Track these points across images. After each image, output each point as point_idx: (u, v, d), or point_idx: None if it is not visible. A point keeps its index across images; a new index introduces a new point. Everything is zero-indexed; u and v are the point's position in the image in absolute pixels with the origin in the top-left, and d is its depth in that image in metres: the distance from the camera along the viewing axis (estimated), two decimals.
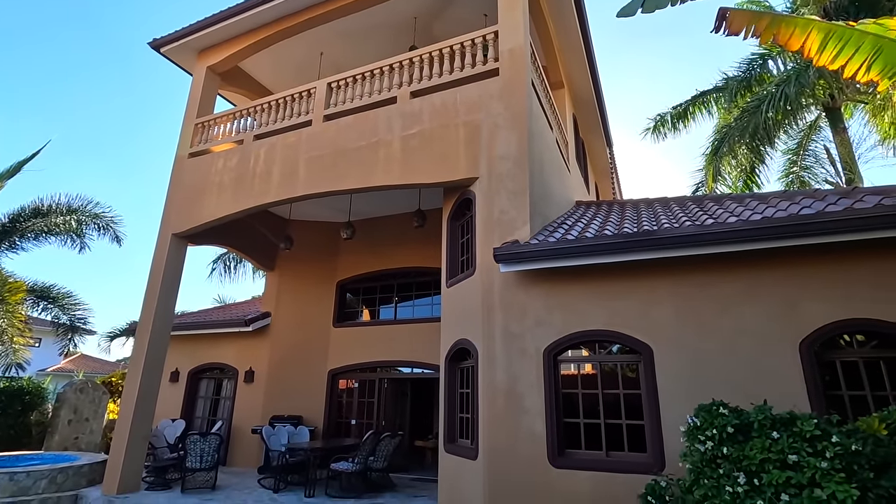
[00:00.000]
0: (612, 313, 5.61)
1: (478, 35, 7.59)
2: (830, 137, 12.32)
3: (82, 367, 25.06)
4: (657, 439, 5.06)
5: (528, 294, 6.05)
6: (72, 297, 13.19)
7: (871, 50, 3.42)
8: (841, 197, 5.20)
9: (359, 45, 10.45)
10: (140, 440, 8.50)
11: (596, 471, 5.22)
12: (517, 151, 6.71)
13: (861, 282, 4.74)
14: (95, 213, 12.34)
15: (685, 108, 14.02)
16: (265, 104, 9.52)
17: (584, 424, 5.56)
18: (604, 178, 15.93)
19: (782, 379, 4.75)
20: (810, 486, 3.46)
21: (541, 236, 6.17)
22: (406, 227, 10.57)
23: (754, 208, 5.62)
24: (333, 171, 8.09)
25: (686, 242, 5.14)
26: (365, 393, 11.48)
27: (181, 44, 10.41)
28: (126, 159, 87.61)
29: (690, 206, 6.90)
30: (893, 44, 3.29)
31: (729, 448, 3.88)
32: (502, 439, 5.68)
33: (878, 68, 3.40)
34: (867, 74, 3.44)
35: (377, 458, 8.51)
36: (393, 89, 8.11)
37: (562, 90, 10.49)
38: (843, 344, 4.89)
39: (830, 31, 3.46)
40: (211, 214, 9.18)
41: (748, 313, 5.07)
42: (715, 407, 4.19)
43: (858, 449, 3.45)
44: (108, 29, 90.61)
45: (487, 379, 5.95)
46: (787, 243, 4.82)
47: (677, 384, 5.13)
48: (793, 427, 3.71)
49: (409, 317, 11.65)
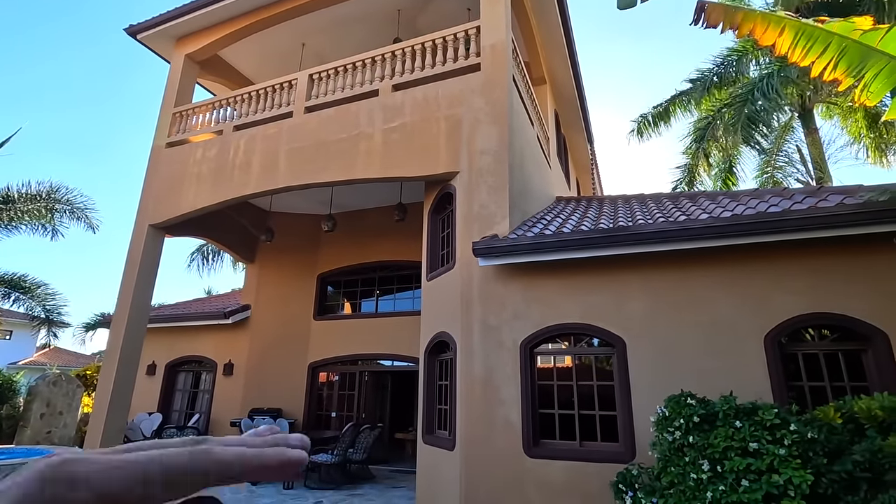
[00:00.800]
0: (588, 307, 5.74)
1: (460, 30, 7.61)
2: (803, 138, 12.68)
3: (56, 361, 24.49)
4: (629, 429, 5.21)
5: (506, 288, 6.15)
6: (45, 287, 12.88)
7: (837, 49, 3.54)
8: (807, 196, 5.40)
9: (342, 36, 10.37)
10: (115, 434, 8.39)
11: (569, 460, 5.36)
12: (497, 146, 6.77)
13: (829, 277, 4.94)
14: (67, 199, 12.03)
15: (666, 107, 14.23)
16: (246, 94, 9.39)
17: (559, 415, 5.70)
18: (585, 174, 16.13)
19: (748, 370, 4.94)
20: (769, 472, 3.63)
21: (519, 231, 6.25)
22: (387, 220, 10.57)
23: (726, 206, 5.79)
24: (314, 163, 8.05)
25: (658, 238, 5.29)
26: (345, 386, 11.51)
27: (159, 30, 10.18)
28: (102, 148, 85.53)
29: (666, 203, 7.06)
30: (856, 44, 3.41)
31: (695, 437, 4.03)
32: (479, 430, 5.78)
33: (842, 68, 3.50)
34: (833, 73, 3.54)
35: (357, 450, 8.56)
36: (375, 82, 8.09)
37: (544, 86, 10.58)
38: (806, 337, 5.10)
39: (801, 28, 3.56)
40: (189, 206, 9.05)
41: (717, 307, 5.24)
42: (683, 398, 4.35)
43: (814, 437, 3.63)
44: (85, 15, 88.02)
45: (465, 371, 6.03)
46: (754, 240, 4.99)
47: (649, 376, 5.28)
48: (754, 416, 3.88)
49: (390, 310, 11.68)
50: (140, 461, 0.26)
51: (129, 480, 0.25)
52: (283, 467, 0.29)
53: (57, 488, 0.23)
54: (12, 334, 26.20)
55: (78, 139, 77.70)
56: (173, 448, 0.27)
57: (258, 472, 0.28)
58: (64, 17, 75.04)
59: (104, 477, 0.25)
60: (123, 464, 0.26)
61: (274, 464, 0.28)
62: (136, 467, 0.26)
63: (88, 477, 0.24)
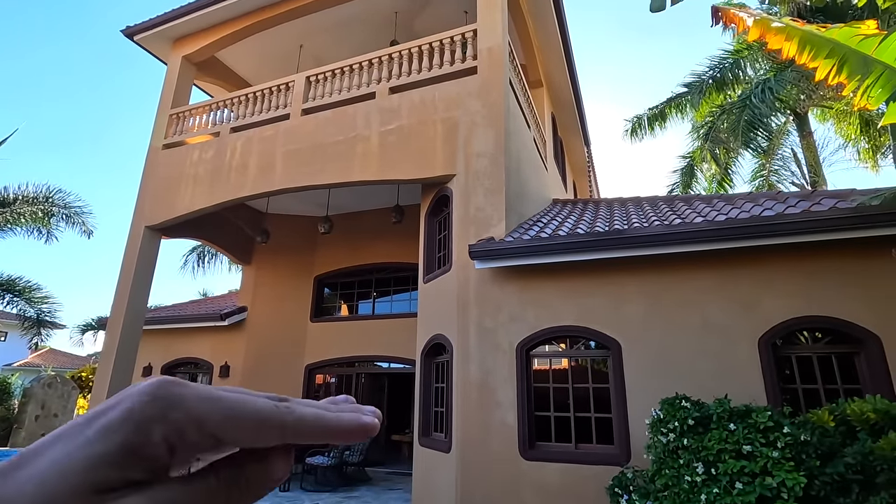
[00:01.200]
0: (584, 309, 5.76)
1: (457, 33, 7.63)
2: (798, 141, 12.76)
3: (51, 362, 24.37)
4: (624, 432, 5.23)
5: (502, 290, 6.16)
6: (39, 289, 12.82)
7: (839, 54, 3.58)
8: (801, 200, 5.44)
9: (339, 39, 10.38)
10: None
11: (565, 462, 5.37)
12: (494, 149, 6.79)
13: (823, 280, 4.98)
14: (63, 203, 11.99)
15: (661, 109, 14.30)
16: (243, 96, 9.40)
17: (555, 417, 5.71)
18: (581, 177, 16.17)
19: (742, 373, 4.97)
20: (762, 475, 3.65)
21: (516, 234, 6.28)
22: (384, 222, 10.58)
23: (721, 209, 5.83)
24: (311, 165, 8.06)
25: (653, 242, 5.32)
26: (342, 388, 11.50)
27: (156, 32, 10.18)
28: (98, 150, 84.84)
29: (661, 206, 7.10)
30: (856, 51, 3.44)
31: (689, 439, 4.06)
32: (475, 432, 5.79)
33: (845, 72, 3.53)
34: (837, 77, 3.56)
35: (353, 452, 8.56)
36: (372, 84, 8.11)
37: (541, 89, 10.62)
38: (800, 340, 5.14)
39: (805, 34, 3.61)
40: (186, 207, 9.04)
41: (712, 310, 5.27)
42: (678, 400, 4.37)
43: (807, 439, 3.66)
44: (82, 16, 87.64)
45: (462, 373, 6.04)
46: (749, 243, 5.03)
47: (644, 378, 5.31)
48: (748, 419, 3.90)
49: (386, 312, 11.68)
50: (233, 399, 0.27)
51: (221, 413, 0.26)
52: (357, 431, 0.30)
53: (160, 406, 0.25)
54: (7, 336, 26.07)
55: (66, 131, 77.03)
56: (260, 397, 0.28)
57: (334, 434, 0.30)
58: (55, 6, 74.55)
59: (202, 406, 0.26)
60: (218, 398, 0.27)
61: (350, 427, 0.30)
62: (229, 404, 0.27)
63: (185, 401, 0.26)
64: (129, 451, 0.24)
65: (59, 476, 0.23)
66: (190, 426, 0.26)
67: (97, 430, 0.25)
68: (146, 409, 0.25)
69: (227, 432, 0.26)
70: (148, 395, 0.25)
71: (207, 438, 0.26)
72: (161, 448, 0.25)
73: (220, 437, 0.27)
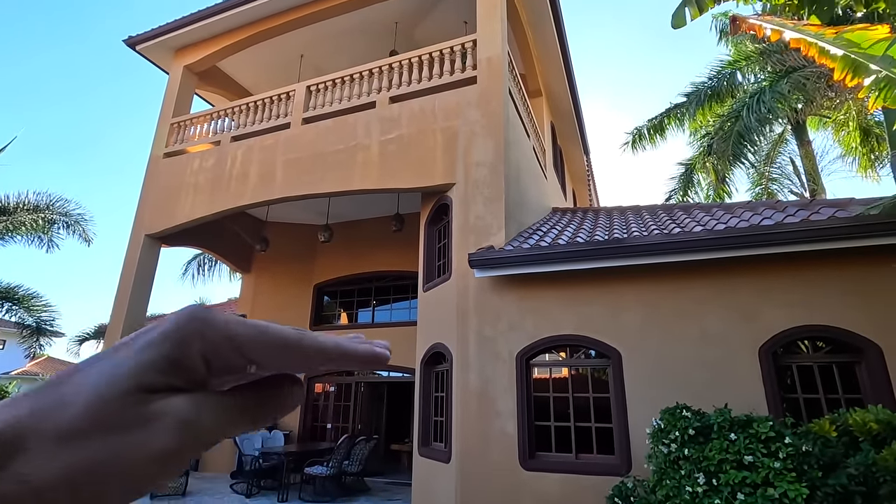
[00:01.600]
0: (583, 318, 5.75)
1: (457, 43, 7.70)
2: (796, 150, 12.81)
3: (49, 371, 24.27)
4: (624, 442, 5.20)
5: (502, 299, 6.15)
6: (38, 297, 12.80)
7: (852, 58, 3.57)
8: (800, 209, 5.45)
9: (340, 48, 10.47)
10: None
11: (565, 473, 5.33)
12: (493, 158, 6.82)
13: (823, 289, 4.97)
14: (64, 211, 12.00)
15: (660, 119, 14.35)
16: (243, 105, 9.45)
17: (555, 427, 5.68)
18: (581, 185, 16.22)
19: (743, 382, 4.94)
20: (764, 486, 3.62)
21: (515, 242, 6.28)
22: (384, 230, 10.59)
23: (720, 218, 5.84)
24: (311, 174, 8.08)
25: (652, 250, 5.32)
26: (341, 397, 11.43)
27: (158, 42, 10.27)
28: (96, 154, 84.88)
29: (660, 215, 7.11)
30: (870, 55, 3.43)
31: (690, 449, 4.03)
32: (475, 442, 5.75)
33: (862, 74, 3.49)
34: (855, 78, 3.54)
35: (352, 461, 8.49)
36: (372, 94, 8.16)
37: (540, 98, 10.68)
38: (800, 349, 5.12)
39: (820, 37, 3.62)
40: (186, 215, 9.06)
41: (712, 319, 5.26)
42: (679, 410, 4.35)
43: (809, 450, 3.63)
44: (83, 22, 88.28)
45: (461, 382, 6.02)
46: (748, 252, 5.03)
47: (644, 388, 5.28)
48: (749, 429, 3.87)
49: (386, 320, 11.65)
50: (262, 323, 0.30)
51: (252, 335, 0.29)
52: (372, 359, 0.33)
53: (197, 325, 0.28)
54: (5, 344, 25.98)
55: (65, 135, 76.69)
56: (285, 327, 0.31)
57: (350, 359, 0.33)
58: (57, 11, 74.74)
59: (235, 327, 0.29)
60: (249, 322, 0.30)
61: (365, 355, 0.33)
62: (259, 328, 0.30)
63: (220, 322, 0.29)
64: (172, 362, 0.27)
65: (110, 379, 0.26)
66: (224, 344, 0.29)
67: (141, 345, 0.28)
68: (185, 327, 0.28)
69: (256, 352, 0.29)
70: (186, 316, 0.28)
71: (239, 357, 0.29)
72: (199, 362, 0.28)
73: (250, 357, 0.30)
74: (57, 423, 0.25)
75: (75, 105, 79.96)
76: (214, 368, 0.29)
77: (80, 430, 0.25)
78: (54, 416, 0.25)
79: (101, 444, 0.25)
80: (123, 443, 0.25)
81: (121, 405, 0.26)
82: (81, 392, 0.26)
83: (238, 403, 0.30)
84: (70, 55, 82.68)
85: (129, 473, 0.26)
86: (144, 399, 0.26)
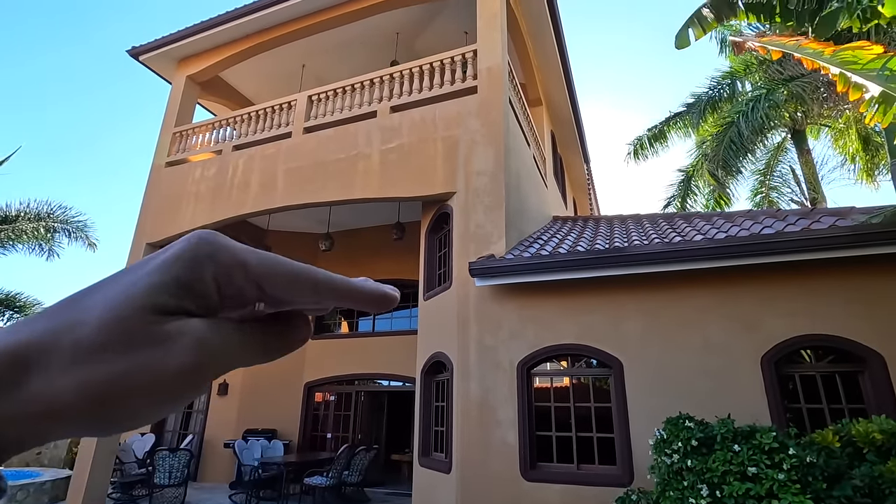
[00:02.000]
0: (584, 327, 5.73)
1: (457, 53, 7.75)
2: (796, 158, 12.83)
3: None
4: (627, 452, 5.16)
5: (502, 308, 6.14)
6: (39, 305, 12.79)
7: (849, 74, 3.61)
8: (800, 217, 5.44)
9: (341, 58, 10.54)
10: (107, 455, 8.25)
11: (567, 483, 5.28)
12: (494, 167, 6.84)
13: (825, 299, 4.95)
14: (65, 219, 12.02)
15: (660, 128, 14.40)
16: (245, 115, 9.50)
17: (556, 437, 5.63)
18: (581, 193, 16.24)
19: (746, 392, 4.91)
20: (768, 498, 3.58)
21: (516, 251, 6.27)
22: (385, 238, 10.60)
23: (720, 227, 5.83)
24: (312, 183, 8.11)
25: (653, 259, 5.31)
26: (341, 406, 11.37)
27: (160, 52, 10.35)
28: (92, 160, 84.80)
29: (661, 223, 7.11)
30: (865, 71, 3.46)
31: (693, 460, 3.99)
32: (475, 453, 5.71)
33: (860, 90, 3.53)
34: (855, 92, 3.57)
35: (352, 472, 8.43)
36: (373, 103, 8.20)
37: (540, 107, 10.73)
38: (803, 359, 5.09)
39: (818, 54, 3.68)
40: (187, 224, 9.07)
41: (714, 328, 5.23)
42: (681, 420, 4.31)
43: (813, 461, 3.60)
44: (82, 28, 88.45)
45: (462, 392, 5.98)
46: (749, 261, 5.02)
47: (646, 397, 5.25)
48: (752, 440, 3.84)
49: (386, 329, 11.62)
50: (272, 254, 0.30)
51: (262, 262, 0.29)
52: (380, 298, 0.33)
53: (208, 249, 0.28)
54: None
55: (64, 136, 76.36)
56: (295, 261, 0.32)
57: (358, 296, 0.32)
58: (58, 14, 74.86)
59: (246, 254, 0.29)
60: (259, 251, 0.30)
61: (373, 293, 0.33)
62: (270, 256, 0.30)
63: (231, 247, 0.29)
64: (184, 284, 0.27)
65: (124, 297, 0.26)
66: (236, 269, 0.29)
67: (153, 266, 0.28)
68: (197, 249, 0.28)
69: (266, 280, 0.29)
70: (197, 238, 0.28)
71: (250, 284, 0.29)
72: (211, 287, 0.28)
73: (261, 285, 0.29)
74: (71, 341, 0.25)
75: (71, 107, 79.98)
76: (226, 295, 0.29)
77: (94, 348, 0.25)
78: (68, 335, 0.25)
79: (117, 362, 0.25)
80: (141, 360, 0.26)
81: (133, 324, 0.26)
82: (94, 312, 0.26)
83: (249, 332, 0.31)
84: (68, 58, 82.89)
85: (150, 389, 0.26)
86: (158, 320, 0.26)
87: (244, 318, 0.31)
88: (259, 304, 0.31)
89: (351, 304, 0.33)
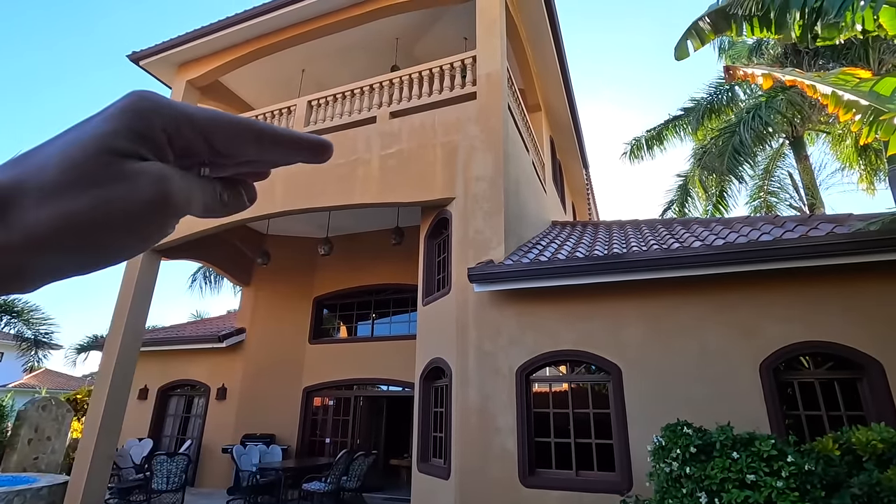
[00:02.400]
0: (583, 334, 5.73)
1: (457, 59, 7.78)
2: (794, 164, 12.87)
3: (46, 383, 24.09)
4: (625, 459, 5.15)
5: (501, 313, 6.14)
6: (37, 310, 12.79)
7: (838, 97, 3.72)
8: (798, 224, 5.46)
9: (341, 64, 10.57)
10: (104, 460, 8.22)
11: (566, 490, 5.27)
12: (493, 173, 6.85)
13: (824, 305, 4.96)
14: None
15: (659, 131, 14.44)
16: None
17: (555, 443, 5.62)
18: (580, 198, 16.27)
19: (745, 399, 4.91)
20: None
21: (515, 257, 6.28)
22: (384, 243, 10.60)
23: (719, 233, 5.85)
24: (311, 188, 8.12)
25: (652, 266, 5.32)
26: (340, 411, 11.34)
27: (161, 57, 10.36)
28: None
29: (660, 229, 7.12)
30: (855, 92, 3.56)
31: (692, 468, 3.98)
32: (474, 459, 5.69)
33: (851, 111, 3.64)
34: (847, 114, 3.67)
35: (350, 477, 8.40)
36: (373, 109, 8.23)
37: (539, 113, 10.76)
38: (802, 365, 5.09)
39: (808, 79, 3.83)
40: (186, 229, 9.05)
41: (712, 335, 5.24)
42: (680, 427, 4.31)
43: (811, 469, 3.60)
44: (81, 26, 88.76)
45: (461, 398, 5.97)
46: (748, 268, 5.03)
47: (645, 403, 5.24)
48: (751, 447, 3.84)
49: (385, 334, 11.61)
50: (215, 109, 0.32)
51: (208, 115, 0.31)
52: (319, 147, 0.36)
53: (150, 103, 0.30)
54: (3, 356, 25.85)
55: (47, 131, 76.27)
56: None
57: (300, 144, 0.35)
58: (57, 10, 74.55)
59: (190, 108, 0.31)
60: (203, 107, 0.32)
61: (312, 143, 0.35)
62: (214, 111, 0.32)
63: (172, 102, 0.30)
64: (136, 132, 0.29)
65: (78, 145, 0.28)
66: (183, 121, 0.30)
67: (102, 117, 0.29)
68: (140, 103, 0.29)
69: (212, 132, 0.31)
70: (137, 95, 0.30)
71: (197, 137, 0.31)
72: (161, 137, 0.30)
73: (207, 138, 0.31)
74: (37, 182, 0.27)
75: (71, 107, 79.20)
76: (176, 147, 0.31)
77: (59, 186, 0.27)
78: (33, 178, 0.27)
79: (82, 197, 0.27)
80: (107, 194, 0.27)
81: (92, 165, 0.28)
82: (53, 158, 0.28)
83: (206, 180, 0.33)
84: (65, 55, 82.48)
85: (124, 219, 0.28)
86: (116, 161, 0.28)
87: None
88: (204, 169, 0.33)
89: (292, 154, 0.35)
